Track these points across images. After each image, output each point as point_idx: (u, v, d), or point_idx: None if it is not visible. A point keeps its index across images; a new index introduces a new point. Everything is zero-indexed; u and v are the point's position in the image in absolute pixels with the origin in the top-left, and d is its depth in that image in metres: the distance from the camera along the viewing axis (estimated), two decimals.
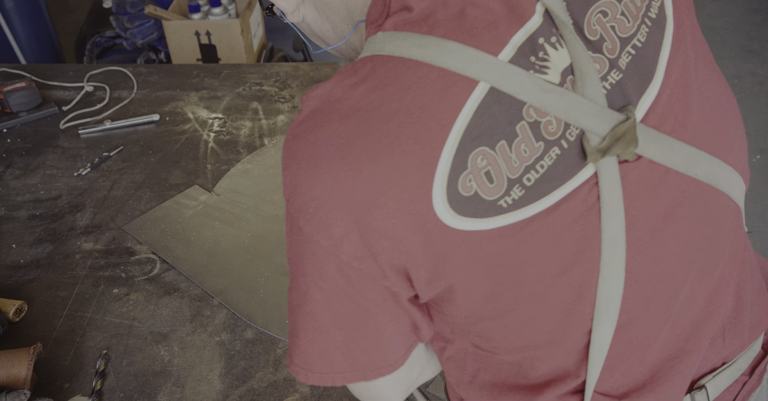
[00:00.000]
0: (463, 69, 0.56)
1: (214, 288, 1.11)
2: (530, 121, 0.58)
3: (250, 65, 1.77)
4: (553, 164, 0.59)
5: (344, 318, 0.64)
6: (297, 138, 0.60)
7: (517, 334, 0.68)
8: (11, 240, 1.23)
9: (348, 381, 0.69)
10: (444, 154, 0.56)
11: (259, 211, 1.27)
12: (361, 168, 0.56)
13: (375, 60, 0.58)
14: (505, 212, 0.58)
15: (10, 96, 1.52)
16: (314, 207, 0.58)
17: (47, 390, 0.96)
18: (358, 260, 0.59)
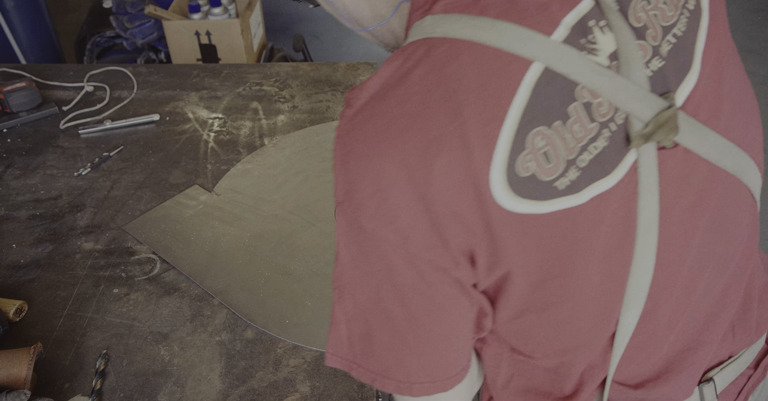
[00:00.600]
0: (517, 49, 0.56)
1: (214, 288, 1.11)
2: (583, 102, 0.58)
3: (250, 65, 1.77)
4: (606, 147, 0.59)
5: (418, 318, 0.62)
6: (353, 130, 0.58)
7: (558, 333, 0.67)
8: (11, 240, 1.23)
9: (426, 393, 0.66)
10: (503, 133, 0.55)
11: (259, 211, 1.27)
12: (425, 151, 0.55)
13: (427, 43, 0.57)
14: (561, 195, 0.58)
15: (10, 96, 1.52)
16: (378, 200, 0.56)
17: (47, 390, 0.96)
18: (429, 250, 0.57)
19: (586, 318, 0.66)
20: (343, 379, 0.97)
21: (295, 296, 1.09)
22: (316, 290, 1.10)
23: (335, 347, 0.67)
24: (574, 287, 0.63)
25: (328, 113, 1.56)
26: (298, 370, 0.98)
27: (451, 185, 0.55)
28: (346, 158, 0.58)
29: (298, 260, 1.16)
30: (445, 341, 0.64)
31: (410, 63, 0.57)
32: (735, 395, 0.86)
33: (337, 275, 0.64)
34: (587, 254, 0.61)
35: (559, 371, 0.72)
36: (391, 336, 0.63)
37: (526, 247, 0.59)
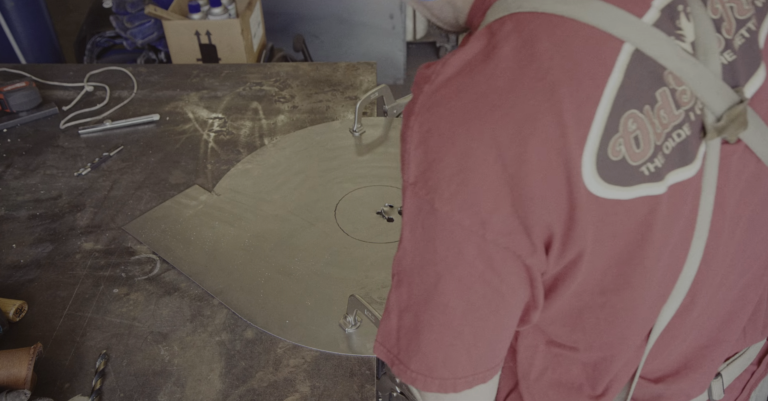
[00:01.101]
0: (610, 28, 0.54)
1: (214, 288, 1.11)
2: (671, 87, 0.57)
3: (250, 65, 1.77)
4: (689, 136, 0.58)
5: (477, 309, 0.59)
6: (435, 107, 0.55)
7: (609, 324, 0.66)
8: (11, 240, 1.23)
9: (468, 387, 0.64)
10: (598, 114, 0.54)
11: (259, 211, 1.27)
12: (519, 129, 0.53)
13: (515, 19, 0.56)
14: (645, 182, 0.57)
15: (10, 96, 1.52)
16: (459, 181, 0.54)
17: (47, 390, 0.96)
18: (507, 236, 0.55)
19: (639, 309, 0.65)
20: (343, 379, 0.97)
21: (295, 296, 1.09)
22: (316, 290, 1.10)
23: (384, 337, 0.65)
24: (638, 277, 0.62)
25: (328, 113, 1.56)
26: (298, 370, 0.98)
27: (543, 166, 0.53)
28: (426, 136, 0.55)
29: (298, 260, 1.16)
30: (498, 332, 0.62)
31: (498, 38, 0.55)
32: (739, 390, 0.87)
33: (397, 261, 0.61)
34: (659, 245, 0.60)
35: (598, 366, 0.71)
36: (443, 331, 0.60)
37: (602, 233, 0.57)
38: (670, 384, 0.77)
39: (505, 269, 0.57)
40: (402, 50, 3.40)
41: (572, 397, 0.75)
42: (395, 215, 1.25)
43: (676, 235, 0.61)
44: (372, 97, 1.44)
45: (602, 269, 0.61)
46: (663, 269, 0.63)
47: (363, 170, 1.37)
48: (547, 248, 0.57)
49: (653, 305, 0.66)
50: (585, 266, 0.59)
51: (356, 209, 1.27)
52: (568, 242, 0.57)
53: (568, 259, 0.58)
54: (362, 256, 1.16)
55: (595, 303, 0.64)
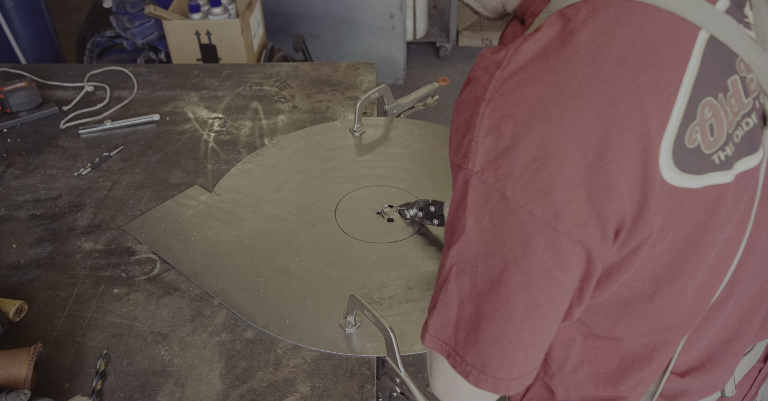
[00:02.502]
0: (686, 14, 0.54)
1: (214, 288, 1.11)
2: (741, 75, 0.57)
3: (250, 65, 1.77)
4: (756, 125, 0.58)
5: (539, 307, 0.58)
6: (510, 93, 0.54)
7: (657, 313, 0.65)
8: (11, 240, 1.23)
9: (519, 389, 0.62)
10: (678, 101, 0.53)
11: (259, 211, 1.27)
12: (600, 115, 0.52)
13: (590, 5, 0.55)
14: (715, 170, 0.56)
15: (10, 96, 1.52)
16: (535, 169, 0.52)
17: (47, 390, 0.96)
18: (579, 228, 0.54)
19: (687, 298, 0.65)
20: (343, 379, 0.97)
21: (295, 297, 1.09)
22: (316, 290, 1.10)
23: (439, 328, 0.62)
24: (692, 265, 0.61)
25: (328, 113, 1.56)
26: (298, 370, 0.98)
27: (624, 154, 0.52)
28: (499, 123, 0.54)
29: (298, 260, 1.16)
30: (554, 329, 0.61)
31: (574, 24, 0.54)
32: (748, 387, 0.88)
33: (458, 251, 0.59)
34: (716, 234, 0.60)
35: (637, 356, 0.70)
36: (503, 326, 0.59)
37: (668, 221, 0.56)
38: (695, 378, 0.77)
39: (570, 263, 0.56)
40: (402, 50, 3.40)
41: (608, 390, 0.74)
42: (395, 215, 1.25)
43: (733, 223, 0.61)
44: (372, 97, 1.44)
45: (660, 256, 0.60)
46: (714, 258, 0.63)
47: (363, 170, 1.37)
48: (615, 236, 0.56)
49: (700, 294, 0.66)
50: (645, 254, 0.58)
51: (356, 209, 1.27)
52: (635, 231, 0.56)
53: (631, 247, 0.57)
54: (362, 256, 1.16)
55: (646, 292, 0.63)
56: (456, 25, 3.70)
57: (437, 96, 1.54)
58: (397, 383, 0.93)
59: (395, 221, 1.24)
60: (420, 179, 1.34)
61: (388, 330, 0.90)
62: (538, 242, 0.54)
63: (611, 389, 0.74)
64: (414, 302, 1.07)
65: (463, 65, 3.71)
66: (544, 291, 0.57)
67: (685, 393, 0.79)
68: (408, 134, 1.47)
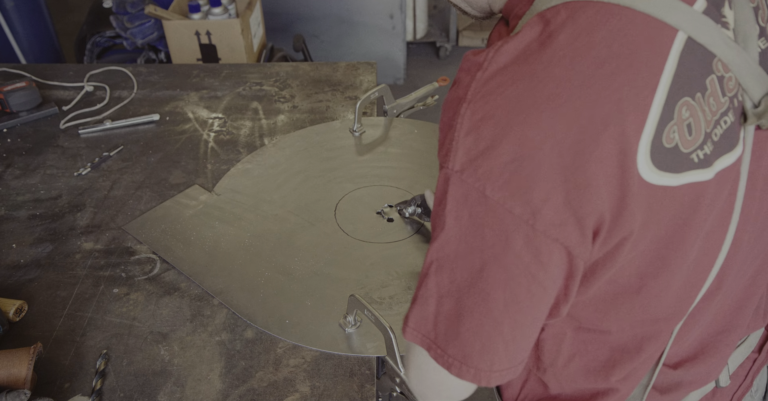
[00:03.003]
0: (664, 16, 0.55)
1: (214, 288, 1.11)
2: (718, 75, 0.58)
3: (250, 65, 1.77)
4: (733, 122, 0.59)
5: (519, 302, 0.59)
6: (490, 94, 0.55)
7: (644, 306, 0.66)
8: (11, 240, 1.23)
9: (502, 381, 0.63)
10: (655, 102, 0.54)
11: (259, 211, 1.27)
12: (576, 117, 0.53)
13: (570, 7, 0.56)
14: (694, 168, 0.57)
15: (10, 96, 1.52)
16: (513, 169, 0.54)
17: (47, 389, 0.96)
18: (557, 227, 0.55)
19: (673, 291, 0.66)
20: (343, 379, 0.97)
21: (295, 296, 1.09)
22: (316, 290, 1.10)
23: (418, 322, 0.64)
24: (676, 259, 0.62)
25: (328, 112, 1.56)
26: (298, 370, 0.98)
27: (601, 155, 0.53)
28: (479, 124, 0.55)
29: (298, 260, 1.16)
30: (535, 325, 0.62)
31: (553, 27, 0.55)
32: (743, 377, 0.88)
33: (438, 247, 0.60)
34: (697, 229, 0.61)
35: (627, 348, 0.71)
36: (483, 320, 0.60)
37: (648, 218, 0.57)
38: (688, 370, 0.78)
39: (551, 262, 0.57)
40: (402, 50, 3.40)
41: (600, 382, 0.75)
42: (395, 215, 1.25)
43: (713, 218, 0.62)
44: (372, 97, 1.44)
45: (643, 252, 0.61)
46: (698, 251, 0.64)
47: (363, 170, 1.37)
48: (595, 235, 0.57)
49: (686, 287, 0.67)
50: (627, 251, 0.59)
51: (356, 209, 1.27)
52: (615, 229, 0.57)
53: (612, 244, 0.58)
54: (362, 256, 1.16)
55: (632, 286, 0.64)
56: (456, 25, 3.70)
57: (437, 96, 1.54)
58: (397, 382, 0.93)
59: (395, 221, 1.24)
60: (420, 179, 1.34)
61: (388, 329, 0.90)
62: (516, 239, 0.56)
63: (602, 381, 0.75)
64: None
65: None
66: (523, 287, 0.58)
67: (679, 385, 0.80)
68: (408, 134, 1.47)
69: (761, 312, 0.86)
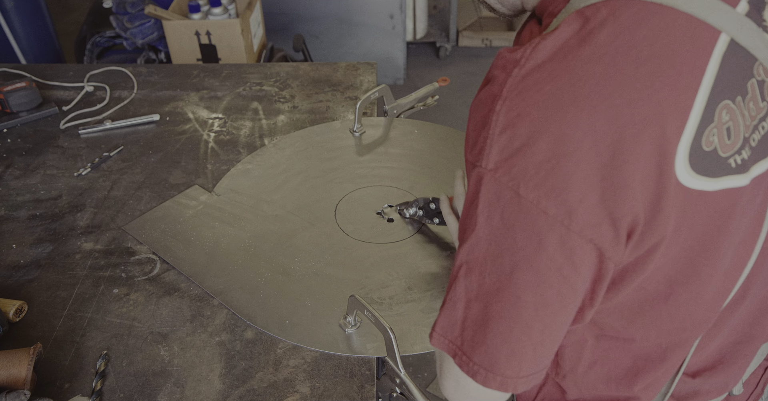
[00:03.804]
0: (707, 17, 0.54)
1: (214, 288, 1.11)
2: (759, 79, 0.57)
3: (250, 65, 1.77)
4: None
5: (550, 304, 0.57)
6: (527, 91, 0.54)
7: (671, 315, 0.65)
8: (11, 240, 1.23)
9: (527, 387, 0.61)
10: (696, 104, 0.53)
11: (259, 211, 1.27)
12: (617, 116, 0.52)
13: (610, 5, 0.55)
14: (731, 173, 0.56)
15: (10, 96, 1.52)
16: (549, 168, 0.52)
17: (47, 390, 0.96)
18: (592, 227, 0.54)
19: (703, 301, 0.65)
20: (343, 379, 0.97)
21: (295, 297, 1.09)
22: (316, 290, 1.10)
23: (446, 328, 0.62)
24: (707, 268, 0.61)
25: (328, 113, 1.56)
26: (298, 370, 0.98)
27: (639, 155, 0.52)
28: (515, 121, 0.54)
29: (298, 260, 1.16)
30: (563, 328, 0.61)
31: (593, 24, 0.55)
32: (754, 385, 0.88)
33: (468, 250, 0.59)
34: (731, 236, 0.60)
35: (650, 357, 0.70)
36: (512, 325, 0.58)
37: (682, 223, 0.56)
38: (706, 379, 0.77)
39: (583, 263, 0.56)
40: (402, 50, 3.40)
41: (621, 390, 0.74)
42: (395, 216, 1.25)
43: (745, 226, 0.61)
44: (372, 97, 1.44)
45: (675, 259, 0.60)
46: (729, 260, 0.63)
47: (363, 171, 1.37)
48: (628, 237, 0.56)
49: (716, 296, 0.66)
50: (659, 256, 0.58)
51: (356, 209, 1.27)
52: (649, 232, 0.56)
53: (645, 248, 0.57)
54: (362, 256, 1.16)
55: (660, 294, 0.63)
56: (456, 25, 3.70)
57: (437, 96, 1.54)
58: (397, 383, 0.93)
59: (395, 221, 1.24)
60: (420, 179, 1.34)
61: (388, 330, 0.90)
62: (550, 240, 0.54)
63: (624, 389, 0.73)
64: (414, 302, 1.07)
65: (463, 65, 3.71)
66: (554, 290, 0.57)
67: (696, 394, 0.79)
68: (408, 134, 1.47)
69: None
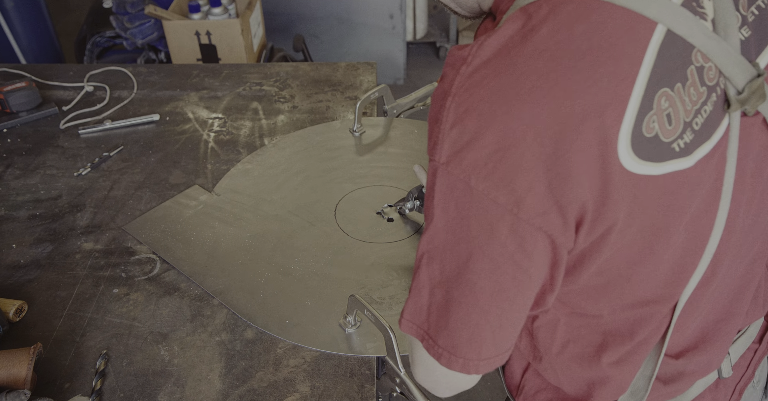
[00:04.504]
0: (643, 10, 0.57)
1: (214, 288, 1.11)
2: (697, 65, 0.59)
3: (250, 65, 1.77)
4: (713, 111, 0.61)
5: (505, 290, 0.61)
6: (474, 88, 0.57)
7: (635, 292, 0.68)
8: (11, 240, 1.23)
9: (489, 369, 0.65)
10: (635, 93, 0.56)
11: (259, 211, 1.27)
12: (557, 108, 0.54)
13: (551, 2, 0.58)
14: (676, 157, 0.59)
15: (10, 96, 1.52)
16: (497, 159, 0.55)
17: (47, 390, 0.96)
18: (540, 216, 0.57)
19: (660, 276, 0.67)
20: (343, 379, 0.97)
21: (295, 297, 1.09)
22: (316, 290, 1.10)
23: (413, 314, 0.66)
24: (661, 245, 0.64)
25: (328, 113, 1.56)
26: (298, 370, 0.98)
27: (581, 145, 0.55)
28: (463, 116, 0.57)
29: (298, 260, 1.16)
30: (522, 312, 0.64)
31: (535, 21, 0.57)
32: (745, 368, 0.90)
33: (428, 239, 0.62)
34: (681, 216, 0.62)
35: (619, 331, 0.73)
36: (470, 310, 0.62)
37: (633, 208, 0.59)
38: (689, 359, 0.79)
39: (535, 250, 0.59)
40: (402, 50, 3.40)
41: (593, 368, 0.76)
42: (395, 215, 1.25)
43: (699, 203, 0.63)
44: (372, 97, 1.44)
45: (631, 242, 0.62)
46: (685, 236, 0.65)
47: (363, 170, 1.37)
48: (578, 225, 0.59)
49: (675, 271, 0.68)
50: (614, 241, 0.61)
51: (356, 209, 1.27)
52: (599, 218, 0.58)
53: (598, 234, 0.60)
54: (362, 256, 1.16)
55: (621, 276, 0.66)
56: (456, 25, 3.70)
57: None
58: (397, 383, 0.93)
59: (395, 221, 1.24)
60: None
61: (387, 329, 0.90)
62: (501, 228, 0.57)
63: (595, 366, 0.76)
64: None
65: None
66: (509, 275, 0.60)
67: (682, 375, 0.81)
68: (408, 134, 1.47)
69: (761, 302, 0.86)
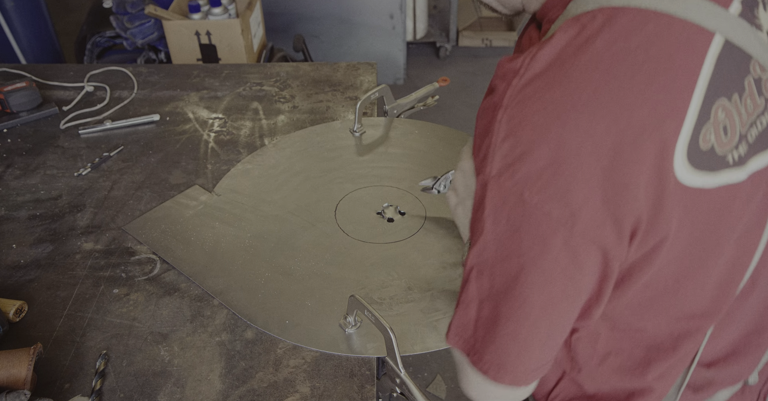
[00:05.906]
0: (701, 21, 0.56)
1: (214, 288, 1.11)
2: (755, 76, 0.59)
3: (250, 65, 1.77)
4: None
5: (556, 303, 0.60)
6: (527, 100, 0.56)
7: (681, 307, 0.68)
8: (11, 240, 1.23)
9: (534, 380, 0.65)
10: (692, 104, 0.55)
11: (259, 211, 1.27)
12: (615, 120, 0.54)
13: (605, 12, 0.57)
14: (730, 169, 0.58)
15: (10, 96, 1.52)
16: (551, 172, 0.55)
17: (47, 390, 0.96)
18: (595, 228, 0.56)
19: (708, 291, 0.67)
20: (343, 379, 0.97)
21: (295, 296, 1.09)
22: (316, 290, 1.10)
23: (460, 327, 0.66)
24: (711, 259, 0.63)
25: (328, 113, 1.56)
26: (298, 370, 0.98)
27: (639, 157, 0.54)
28: (516, 128, 0.56)
29: (298, 260, 1.16)
30: (569, 324, 0.63)
31: (589, 32, 0.56)
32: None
33: (477, 253, 0.62)
34: (731, 230, 0.62)
35: (662, 346, 0.72)
36: (519, 324, 0.61)
37: (684, 220, 0.58)
38: (721, 369, 0.79)
39: (587, 263, 0.58)
40: (402, 50, 3.40)
41: (635, 381, 0.76)
42: (395, 216, 1.25)
43: (749, 217, 0.63)
44: (372, 97, 1.44)
45: (680, 255, 0.62)
46: (734, 251, 0.65)
47: (363, 171, 1.37)
48: (631, 237, 0.58)
49: (723, 285, 0.68)
50: (664, 253, 0.60)
51: (356, 209, 1.27)
52: (652, 231, 0.58)
53: (649, 246, 0.59)
54: (362, 256, 1.16)
55: (668, 290, 0.66)
56: (456, 25, 3.70)
57: (437, 96, 1.54)
58: (397, 383, 0.93)
59: (395, 221, 1.24)
60: (420, 179, 1.34)
61: (388, 330, 0.90)
62: (554, 242, 0.56)
63: (638, 380, 0.75)
64: (414, 302, 1.07)
65: (463, 65, 3.71)
66: (560, 289, 0.59)
67: (711, 384, 0.80)
68: (408, 134, 1.47)
69: None
